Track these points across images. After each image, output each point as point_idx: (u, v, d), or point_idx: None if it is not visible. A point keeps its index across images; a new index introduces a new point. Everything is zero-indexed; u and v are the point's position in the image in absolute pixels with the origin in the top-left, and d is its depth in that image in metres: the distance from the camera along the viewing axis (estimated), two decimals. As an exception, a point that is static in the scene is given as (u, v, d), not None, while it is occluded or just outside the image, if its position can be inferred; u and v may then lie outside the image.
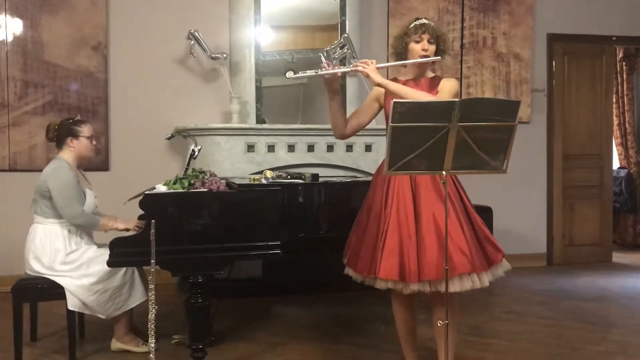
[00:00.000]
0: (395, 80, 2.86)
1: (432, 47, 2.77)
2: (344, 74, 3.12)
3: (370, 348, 3.52)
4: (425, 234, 2.59)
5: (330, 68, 2.72)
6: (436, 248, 2.55)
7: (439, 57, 2.79)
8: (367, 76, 2.69)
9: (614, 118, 6.82)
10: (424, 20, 2.79)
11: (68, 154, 3.39)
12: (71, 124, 3.42)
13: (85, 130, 3.42)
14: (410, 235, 2.61)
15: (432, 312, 2.76)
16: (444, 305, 2.58)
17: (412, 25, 2.79)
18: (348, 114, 3.04)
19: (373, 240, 2.69)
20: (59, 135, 3.40)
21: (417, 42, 2.76)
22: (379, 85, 2.70)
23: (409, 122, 2.23)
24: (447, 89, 2.75)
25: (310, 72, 2.72)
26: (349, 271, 2.84)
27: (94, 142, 3.48)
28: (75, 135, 3.39)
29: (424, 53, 2.75)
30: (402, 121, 2.23)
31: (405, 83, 2.82)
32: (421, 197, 2.65)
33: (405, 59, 2.81)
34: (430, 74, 2.88)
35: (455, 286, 2.55)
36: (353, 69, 2.75)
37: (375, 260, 2.63)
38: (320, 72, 2.70)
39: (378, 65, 2.72)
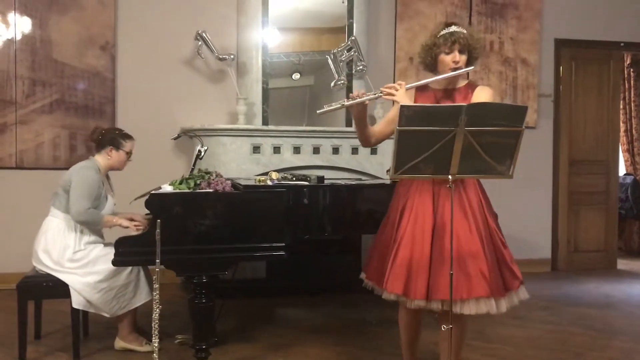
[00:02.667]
0: (426, 88, 2.73)
1: (464, 58, 2.60)
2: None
3: (373, 351, 3.52)
4: (445, 252, 2.45)
5: (357, 97, 2.60)
6: (455, 268, 2.40)
7: (472, 67, 2.63)
8: (397, 102, 2.53)
9: (621, 124, 6.80)
10: (454, 28, 2.60)
11: (103, 160, 3.45)
12: (117, 135, 3.49)
13: (128, 145, 3.49)
14: (424, 251, 2.50)
15: (437, 320, 2.70)
16: (452, 324, 2.45)
17: (440, 35, 2.61)
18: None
19: (385, 250, 2.63)
20: (103, 140, 3.46)
21: (447, 53, 2.59)
22: None
23: (415, 126, 2.23)
24: (482, 100, 2.57)
25: (336, 105, 2.60)
26: (363, 276, 2.80)
27: (131, 159, 3.53)
28: (117, 147, 3.44)
29: (454, 65, 2.59)
30: (409, 125, 2.23)
31: (435, 94, 2.69)
32: (444, 211, 2.50)
33: (435, 70, 2.67)
34: (462, 82, 2.72)
35: (470, 308, 2.47)
36: (380, 95, 2.61)
37: (384, 272, 2.57)
38: (345, 104, 2.59)
39: (408, 86, 2.59)
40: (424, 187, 2.58)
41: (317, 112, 2.67)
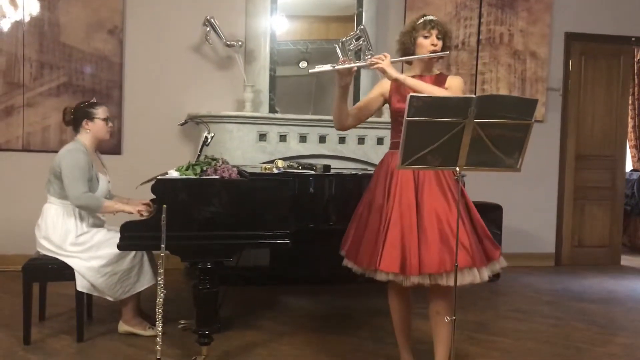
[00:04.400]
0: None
1: (440, 43, 2.79)
2: (358, 69, 3.11)
3: (374, 340, 3.54)
4: (427, 228, 2.61)
5: (345, 63, 2.71)
6: (437, 242, 2.58)
7: (447, 52, 2.82)
8: (384, 71, 2.69)
9: (629, 120, 6.76)
10: (432, 17, 2.83)
11: (85, 137, 3.42)
12: (86, 106, 3.44)
13: (101, 112, 3.43)
14: (412, 228, 2.63)
15: (429, 305, 2.76)
16: (442, 298, 2.68)
17: (420, 21, 2.82)
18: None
19: (374, 233, 2.71)
20: (75, 118, 3.43)
21: (426, 37, 2.78)
22: (395, 80, 2.70)
23: (424, 117, 2.22)
24: (455, 87, 2.78)
25: (326, 67, 2.71)
26: (348, 263, 2.86)
27: (110, 124, 3.49)
28: (91, 118, 3.41)
29: (433, 48, 2.77)
30: (417, 115, 2.22)
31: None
32: (424, 191, 2.67)
33: (413, 54, 2.82)
34: (435, 71, 2.89)
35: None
36: (368, 64, 2.75)
37: (377, 253, 2.65)
38: (336, 67, 2.69)
39: (391, 60, 2.73)
40: (405, 170, 2.68)
41: (309, 71, 2.78)
